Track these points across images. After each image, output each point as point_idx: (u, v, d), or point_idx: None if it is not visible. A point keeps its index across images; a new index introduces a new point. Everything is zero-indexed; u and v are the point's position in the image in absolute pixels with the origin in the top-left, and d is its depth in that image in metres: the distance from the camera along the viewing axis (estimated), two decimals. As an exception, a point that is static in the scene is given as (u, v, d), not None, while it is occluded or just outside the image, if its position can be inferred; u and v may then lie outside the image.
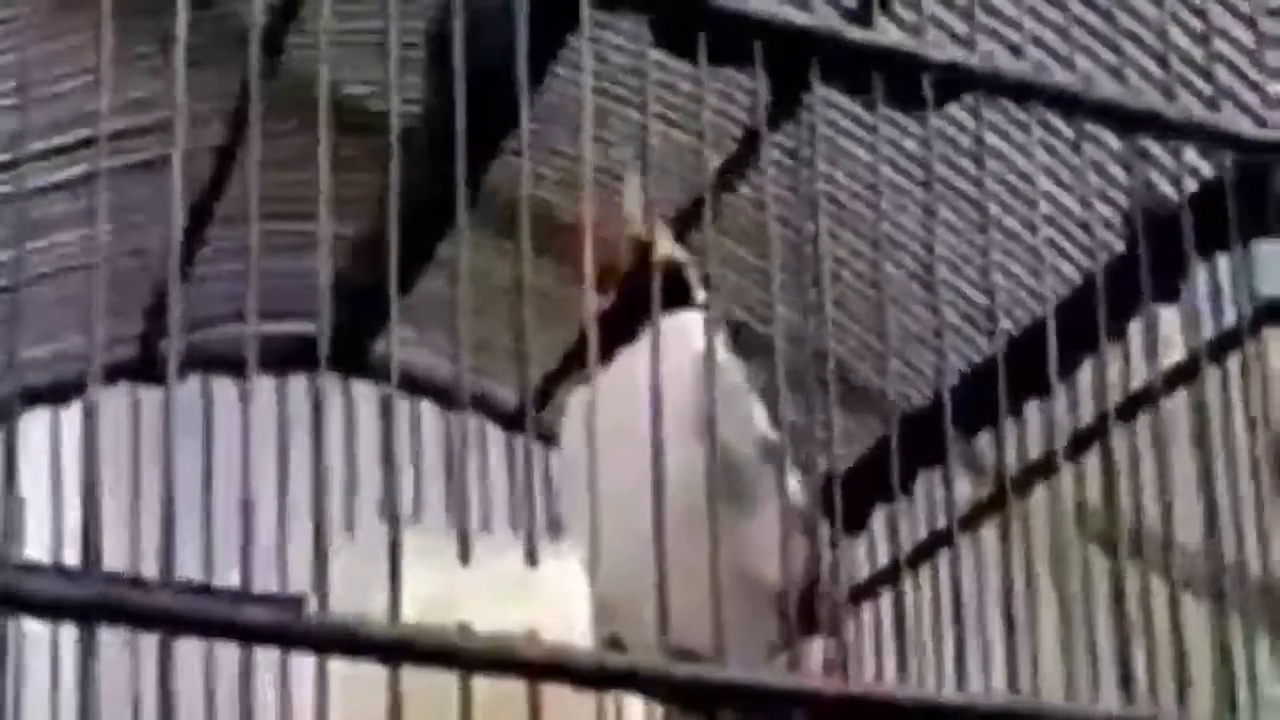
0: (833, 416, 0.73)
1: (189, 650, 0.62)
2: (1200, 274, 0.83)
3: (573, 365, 1.14)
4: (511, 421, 1.24)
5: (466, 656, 0.61)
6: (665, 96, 0.93)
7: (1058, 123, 0.84)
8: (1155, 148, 0.83)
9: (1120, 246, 0.91)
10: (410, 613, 0.61)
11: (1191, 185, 0.84)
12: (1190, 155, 0.83)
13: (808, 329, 0.73)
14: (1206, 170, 0.87)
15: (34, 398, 1.14)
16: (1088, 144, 0.80)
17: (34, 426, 1.15)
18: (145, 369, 1.18)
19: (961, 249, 0.91)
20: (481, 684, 0.61)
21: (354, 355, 1.18)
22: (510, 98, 0.77)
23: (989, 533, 0.95)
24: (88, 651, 0.60)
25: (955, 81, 0.72)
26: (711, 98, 0.93)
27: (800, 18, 0.70)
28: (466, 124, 0.75)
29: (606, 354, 0.91)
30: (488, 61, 0.76)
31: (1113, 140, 0.84)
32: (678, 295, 0.90)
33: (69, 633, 0.60)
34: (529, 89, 0.80)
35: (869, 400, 1.07)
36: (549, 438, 1.09)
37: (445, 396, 1.19)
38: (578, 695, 0.63)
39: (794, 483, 0.90)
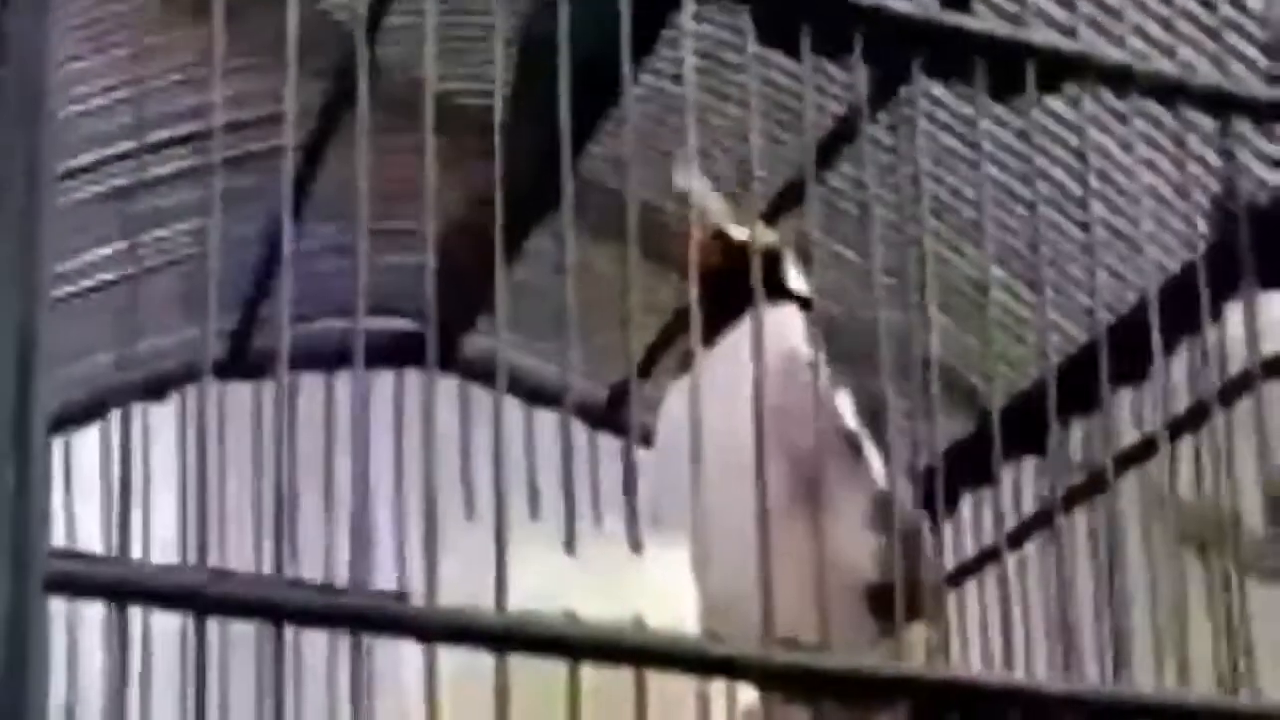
0: (935, 410, 0.72)
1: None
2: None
3: (655, 358, 1.14)
4: (596, 418, 1.24)
5: (573, 644, 0.62)
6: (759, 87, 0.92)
7: (1158, 113, 0.83)
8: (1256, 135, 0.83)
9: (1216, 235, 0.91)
10: (516, 604, 0.62)
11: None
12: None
13: (907, 323, 0.73)
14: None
15: (131, 393, 1.15)
16: (1188, 133, 0.80)
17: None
18: (235, 365, 1.19)
19: (1053, 239, 0.91)
20: (588, 673, 0.62)
21: (443, 351, 1.18)
22: (601, 91, 0.78)
23: (1079, 521, 0.95)
24: (200, 640, 0.60)
25: (1057, 69, 0.72)
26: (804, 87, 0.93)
27: (901, 6, 0.70)
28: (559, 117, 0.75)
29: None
30: (583, 54, 0.76)
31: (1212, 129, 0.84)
32: (771, 285, 0.89)
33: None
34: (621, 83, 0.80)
35: (956, 388, 1.07)
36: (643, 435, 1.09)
37: (527, 391, 1.19)
38: (683, 684, 0.64)
39: (881, 473, 0.90)
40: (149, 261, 1.13)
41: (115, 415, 1.14)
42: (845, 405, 0.92)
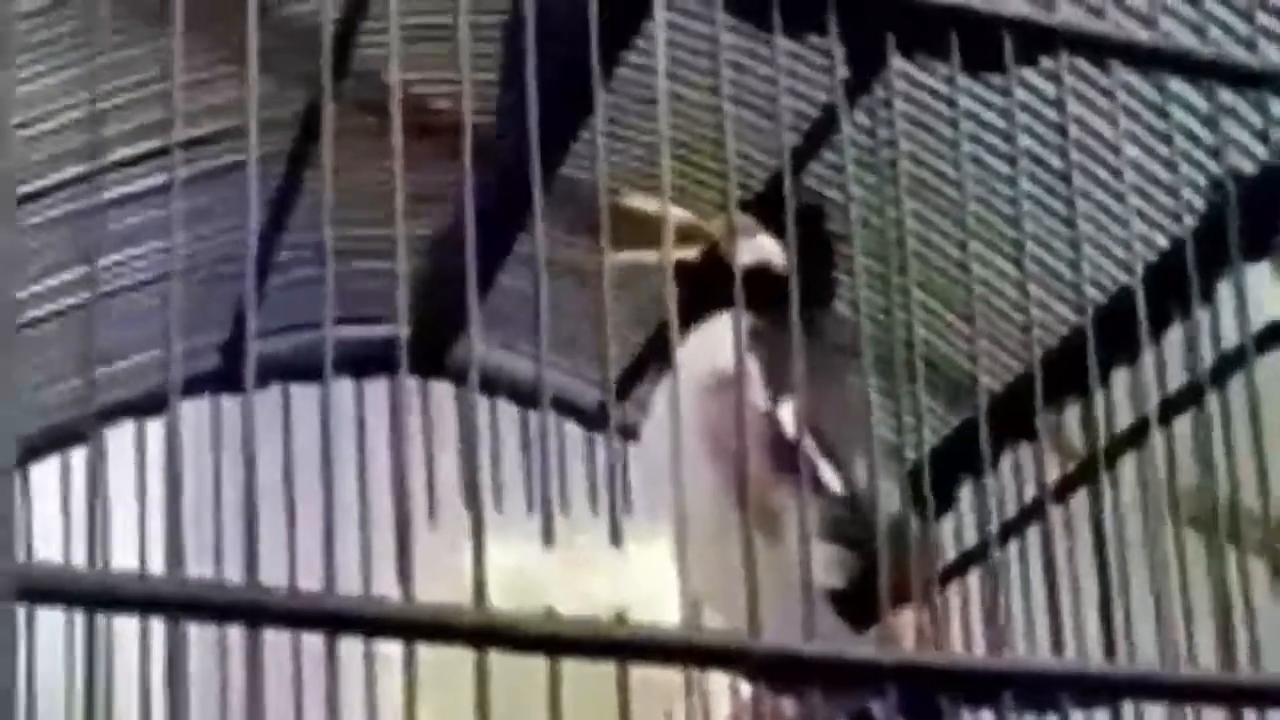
0: (920, 401, 0.71)
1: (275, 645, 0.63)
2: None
3: (651, 359, 1.13)
4: (593, 420, 1.23)
5: (553, 639, 0.61)
6: (740, 79, 0.92)
7: (1142, 88, 0.82)
8: (1242, 106, 0.81)
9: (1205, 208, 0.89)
10: (495, 596, 0.61)
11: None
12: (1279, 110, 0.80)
13: (892, 313, 0.72)
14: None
15: (122, 409, 1.14)
16: (1173, 106, 0.79)
17: (121, 437, 1.15)
18: (228, 378, 1.18)
19: (1046, 220, 0.90)
20: (569, 665, 0.61)
21: (434, 357, 1.17)
22: (584, 89, 0.77)
23: (1080, 508, 0.94)
24: (175, 645, 0.60)
25: (1034, 40, 0.70)
26: (787, 77, 0.92)
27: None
28: (541, 117, 0.74)
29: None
30: (562, 53, 0.75)
31: (1198, 101, 0.82)
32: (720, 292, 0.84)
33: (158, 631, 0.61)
34: (603, 79, 0.79)
35: (950, 378, 1.06)
36: (630, 433, 1.08)
37: (524, 396, 1.18)
38: (666, 674, 0.63)
39: (832, 477, 0.88)
40: (141, 275, 1.12)
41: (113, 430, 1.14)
42: (786, 415, 0.89)
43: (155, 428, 1.16)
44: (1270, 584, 0.75)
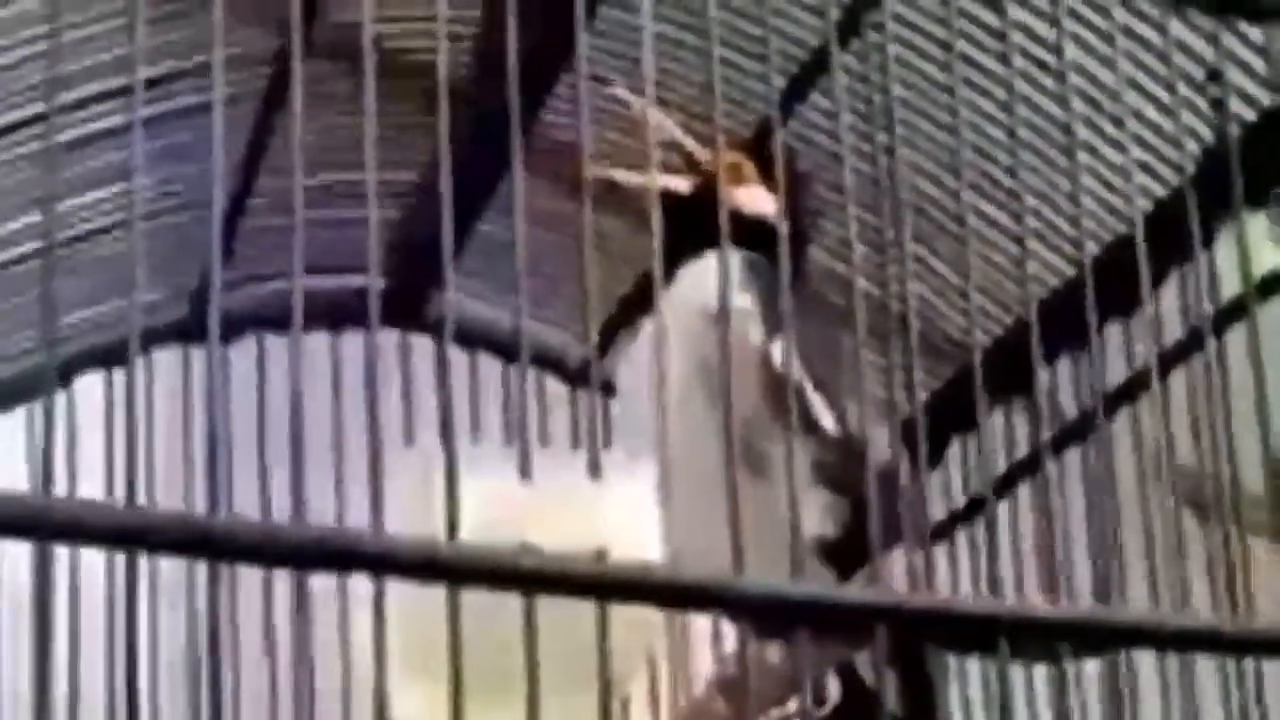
0: (912, 356, 0.69)
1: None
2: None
3: (633, 311, 1.11)
4: (575, 376, 1.20)
5: (529, 576, 0.58)
6: (729, 20, 0.89)
7: (1143, 30, 0.80)
8: (1244, 52, 0.80)
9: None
10: (472, 531, 0.58)
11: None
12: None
13: (885, 267, 0.70)
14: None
15: (93, 358, 1.12)
16: (1175, 53, 0.77)
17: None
18: (198, 328, 1.15)
19: (1042, 169, 0.88)
20: (546, 602, 0.58)
21: (413, 310, 1.14)
22: (565, 36, 0.74)
23: (1072, 464, 0.92)
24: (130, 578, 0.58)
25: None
26: (777, 17, 0.90)
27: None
28: (521, 61, 0.72)
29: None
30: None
31: (1201, 48, 0.80)
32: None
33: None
34: (586, 21, 0.77)
35: (940, 330, 1.04)
36: (611, 387, 1.06)
37: (505, 349, 1.15)
38: (647, 614, 0.60)
39: (830, 420, 0.86)
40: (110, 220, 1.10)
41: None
42: (778, 354, 0.87)
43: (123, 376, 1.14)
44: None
